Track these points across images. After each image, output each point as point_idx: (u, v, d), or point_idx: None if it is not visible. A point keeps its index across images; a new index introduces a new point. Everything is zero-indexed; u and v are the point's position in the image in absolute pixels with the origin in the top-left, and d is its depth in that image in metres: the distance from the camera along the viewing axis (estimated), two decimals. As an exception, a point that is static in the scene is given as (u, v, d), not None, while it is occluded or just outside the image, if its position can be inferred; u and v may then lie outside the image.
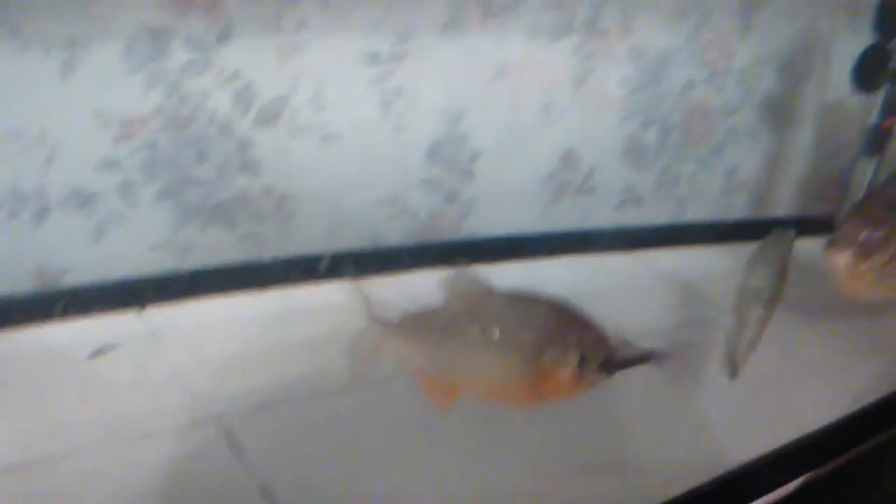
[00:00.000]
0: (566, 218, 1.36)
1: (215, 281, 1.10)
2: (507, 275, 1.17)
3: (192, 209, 1.09)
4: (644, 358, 0.87)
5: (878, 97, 1.23)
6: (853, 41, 1.29)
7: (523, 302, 0.69)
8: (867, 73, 1.18)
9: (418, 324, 0.71)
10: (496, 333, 0.66)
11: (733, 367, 0.76)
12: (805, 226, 1.13)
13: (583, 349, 0.63)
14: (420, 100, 1.17)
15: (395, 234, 1.24)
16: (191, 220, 1.10)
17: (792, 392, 0.93)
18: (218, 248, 1.13)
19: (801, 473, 0.84)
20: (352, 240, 1.20)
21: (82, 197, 1.02)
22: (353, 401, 0.87)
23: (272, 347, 0.98)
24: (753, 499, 0.75)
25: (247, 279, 1.11)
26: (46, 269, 1.04)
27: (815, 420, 0.84)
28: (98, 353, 0.95)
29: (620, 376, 0.66)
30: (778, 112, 1.44)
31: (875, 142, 1.23)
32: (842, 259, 0.89)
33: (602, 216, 1.38)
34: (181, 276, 1.09)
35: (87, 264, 1.05)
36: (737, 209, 1.50)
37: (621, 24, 1.26)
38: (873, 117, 1.23)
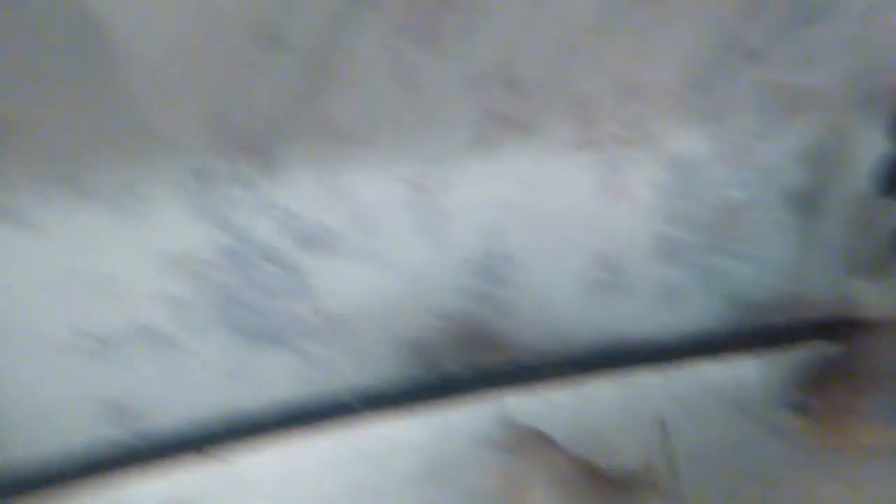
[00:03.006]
0: (604, 317, 1.40)
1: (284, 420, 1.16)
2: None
3: (248, 334, 1.16)
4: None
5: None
6: (877, 137, 1.32)
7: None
8: (888, 180, 1.19)
9: None
10: None
11: None
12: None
13: None
14: (456, 217, 1.23)
15: (442, 346, 1.29)
16: (248, 344, 1.17)
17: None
18: (275, 371, 1.19)
19: None
20: (401, 355, 1.26)
21: (146, 331, 1.10)
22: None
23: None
24: None
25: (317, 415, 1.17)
26: (114, 401, 1.11)
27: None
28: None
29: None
30: (805, 207, 1.47)
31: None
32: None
33: (640, 316, 1.41)
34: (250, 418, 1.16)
35: (153, 393, 1.13)
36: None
37: (644, 131, 1.31)
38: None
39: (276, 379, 1.20)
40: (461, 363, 1.28)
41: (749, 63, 1.25)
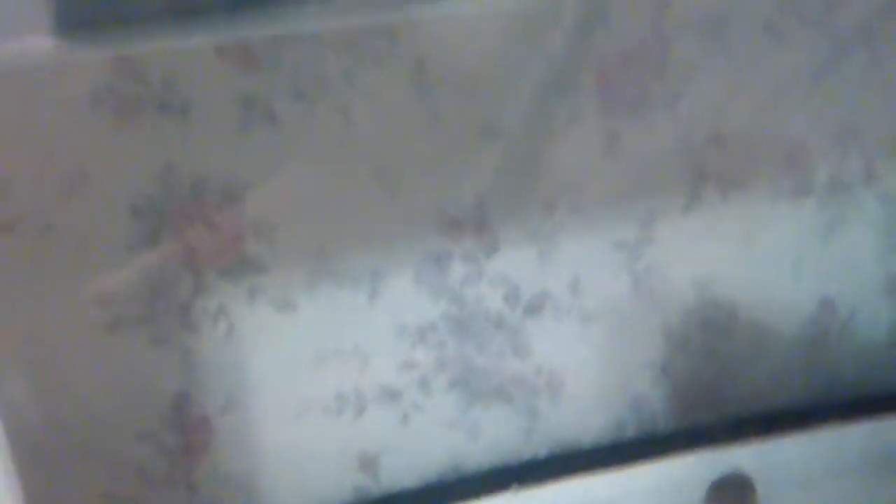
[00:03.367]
0: (831, 364, 1.37)
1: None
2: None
3: (477, 393, 1.27)
4: None
5: None
6: None
7: None
8: None
9: None
10: None
11: None
12: None
13: None
14: (670, 275, 1.27)
15: (659, 399, 1.33)
16: (477, 402, 1.27)
17: None
18: (502, 428, 1.29)
19: None
20: (619, 409, 1.31)
21: (390, 393, 1.23)
22: None
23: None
24: None
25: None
26: (365, 454, 1.25)
27: None
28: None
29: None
30: None
31: None
32: None
33: (871, 359, 1.37)
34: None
35: (397, 447, 1.26)
36: None
37: (863, 174, 1.28)
38: None
39: (504, 435, 1.29)
40: (682, 418, 1.31)
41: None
